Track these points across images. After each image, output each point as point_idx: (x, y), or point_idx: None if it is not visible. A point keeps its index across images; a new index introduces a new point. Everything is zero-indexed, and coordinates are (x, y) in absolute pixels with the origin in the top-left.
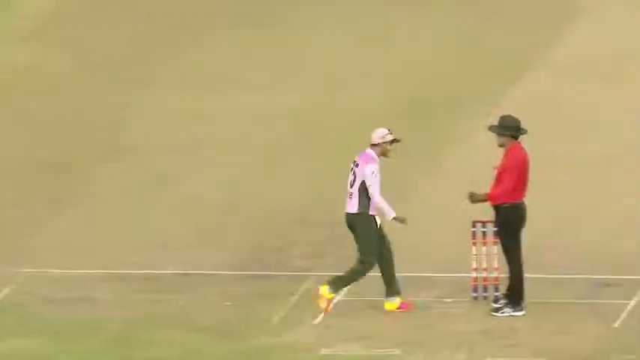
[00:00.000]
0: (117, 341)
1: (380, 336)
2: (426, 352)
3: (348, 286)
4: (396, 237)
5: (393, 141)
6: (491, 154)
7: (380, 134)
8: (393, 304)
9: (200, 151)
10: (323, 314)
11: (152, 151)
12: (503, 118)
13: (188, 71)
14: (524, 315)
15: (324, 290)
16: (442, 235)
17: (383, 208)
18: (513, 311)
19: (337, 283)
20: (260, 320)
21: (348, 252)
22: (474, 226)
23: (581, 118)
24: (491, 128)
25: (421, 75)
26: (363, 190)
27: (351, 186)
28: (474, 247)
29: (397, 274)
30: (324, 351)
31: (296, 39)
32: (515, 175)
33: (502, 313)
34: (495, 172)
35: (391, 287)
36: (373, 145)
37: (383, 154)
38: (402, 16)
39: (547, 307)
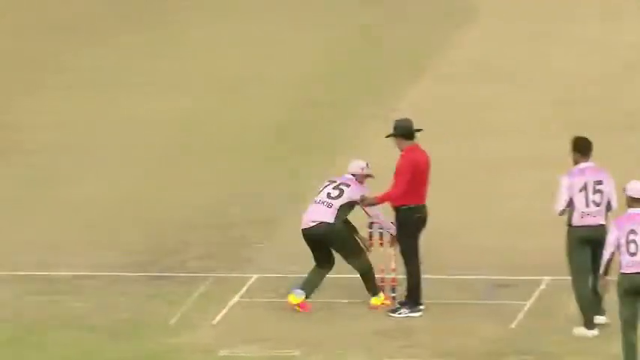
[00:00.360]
0: (10, 343)
1: (279, 337)
2: (325, 352)
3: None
4: (295, 239)
5: (367, 176)
6: (391, 156)
7: (359, 166)
8: (297, 298)
9: (93, 153)
10: (389, 303)
11: (45, 153)
12: (396, 122)
13: (80, 74)
14: (421, 316)
15: (377, 300)
16: None
17: (382, 220)
18: (410, 312)
19: (372, 286)
20: (157, 321)
21: (245, 253)
22: (370, 227)
23: (478, 120)
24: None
25: (317, 77)
26: (346, 207)
27: (334, 199)
28: (371, 248)
29: (295, 276)
30: (222, 352)
31: (189, 41)
32: (406, 177)
33: (399, 313)
34: None
35: (308, 286)
36: (352, 175)
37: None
38: (295, 18)
39: (444, 308)
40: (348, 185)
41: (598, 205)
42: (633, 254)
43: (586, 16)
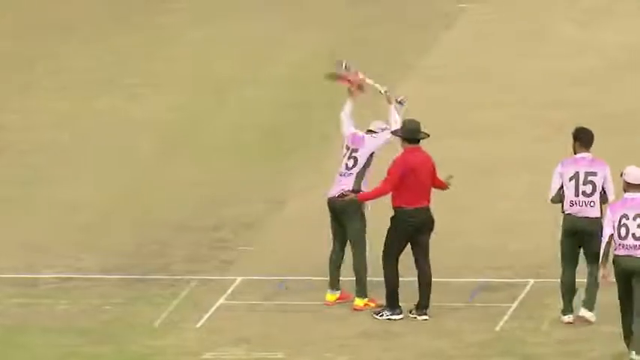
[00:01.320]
0: None
1: (263, 339)
2: (309, 354)
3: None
4: (281, 241)
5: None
6: (384, 156)
7: (379, 126)
8: (333, 295)
9: (87, 154)
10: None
11: (30, 154)
12: (402, 122)
13: (75, 75)
14: (402, 318)
15: (360, 301)
16: (320, 236)
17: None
18: (392, 314)
19: (361, 288)
20: (141, 324)
21: (229, 256)
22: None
23: (468, 121)
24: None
25: (309, 78)
26: (362, 174)
27: (349, 169)
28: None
29: (277, 278)
30: (207, 355)
31: (183, 42)
32: (392, 178)
33: (381, 315)
34: None
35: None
36: (370, 131)
37: None
38: (287, 19)
39: (430, 310)
40: (357, 150)
41: (588, 195)
42: (624, 238)
43: (575, 17)
